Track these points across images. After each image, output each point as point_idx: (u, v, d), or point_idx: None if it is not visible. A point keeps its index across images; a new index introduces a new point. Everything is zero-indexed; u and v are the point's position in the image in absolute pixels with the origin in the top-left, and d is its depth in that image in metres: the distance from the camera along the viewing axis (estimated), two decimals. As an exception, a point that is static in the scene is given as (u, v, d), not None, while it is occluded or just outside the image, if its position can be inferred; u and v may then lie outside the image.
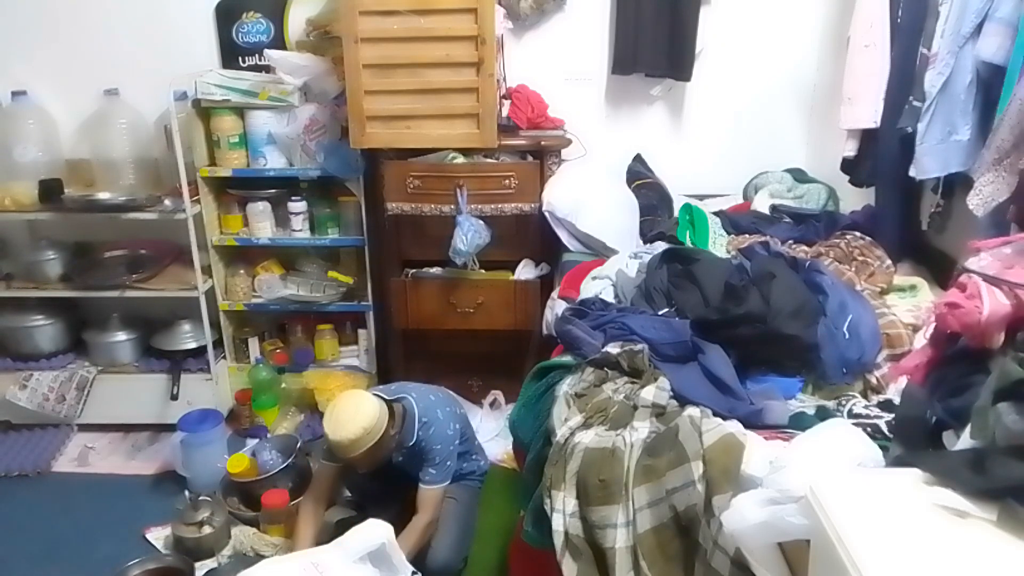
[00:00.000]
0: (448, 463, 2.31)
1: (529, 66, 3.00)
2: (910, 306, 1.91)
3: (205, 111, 2.95)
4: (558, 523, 1.46)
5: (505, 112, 2.91)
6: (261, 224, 3.07)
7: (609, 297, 2.08)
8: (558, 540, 1.45)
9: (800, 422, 1.49)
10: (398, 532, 2.10)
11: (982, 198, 1.75)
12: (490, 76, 2.58)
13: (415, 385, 2.44)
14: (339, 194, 3.02)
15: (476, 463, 2.57)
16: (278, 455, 2.72)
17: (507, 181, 2.75)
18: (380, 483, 2.47)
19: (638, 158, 2.98)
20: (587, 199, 2.64)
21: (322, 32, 2.87)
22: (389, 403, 2.26)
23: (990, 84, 1.84)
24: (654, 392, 1.53)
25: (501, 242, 2.81)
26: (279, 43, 3.01)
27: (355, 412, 2.13)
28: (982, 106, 1.88)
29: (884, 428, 1.38)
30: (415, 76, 2.62)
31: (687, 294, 1.89)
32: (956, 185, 2.07)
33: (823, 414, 1.52)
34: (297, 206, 3.04)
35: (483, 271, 2.89)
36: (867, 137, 2.31)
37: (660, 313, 1.87)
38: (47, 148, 3.08)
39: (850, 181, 2.49)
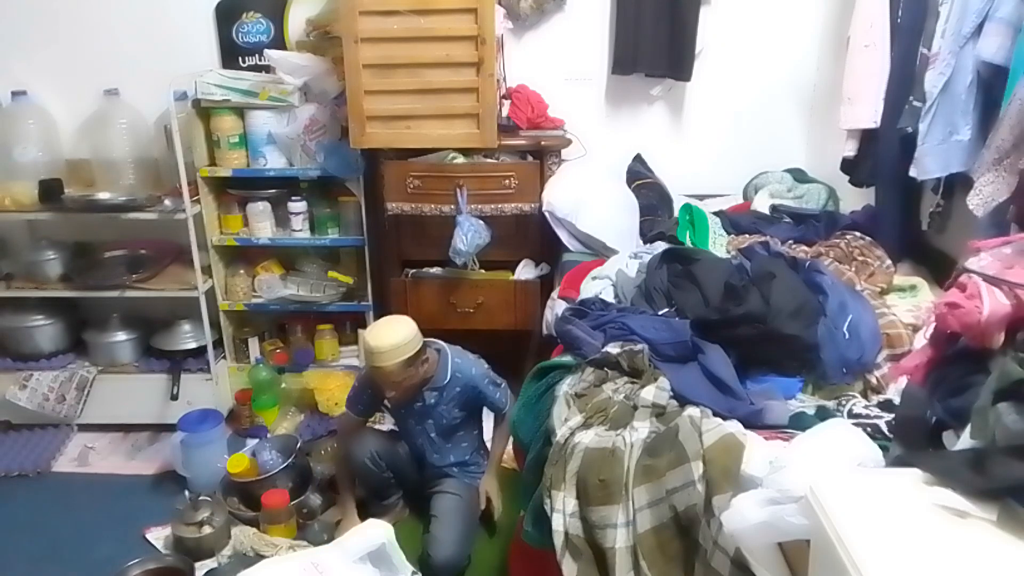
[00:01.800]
0: (502, 384, 2.45)
1: (529, 66, 3.01)
2: (910, 306, 1.91)
3: (205, 111, 2.95)
4: (558, 523, 1.46)
5: (505, 112, 2.91)
6: (261, 224, 3.07)
7: (609, 297, 2.09)
8: (558, 540, 1.45)
9: (800, 422, 1.49)
10: (400, 531, 2.10)
11: (982, 198, 1.75)
12: (490, 76, 2.58)
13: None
14: (339, 194, 3.02)
15: (484, 461, 2.58)
16: (278, 455, 2.72)
17: (507, 181, 2.75)
18: (386, 475, 2.50)
19: (638, 158, 2.98)
20: (587, 199, 2.64)
21: (322, 32, 2.88)
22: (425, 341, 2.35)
23: (991, 84, 1.84)
24: (654, 392, 1.53)
25: (501, 242, 2.82)
26: (279, 43, 3.01)
27: (396, 324, 2.29)
28: (983, 106, 1.88)
29: (884, 428, 1.39)
30: (415, 76, 2.62)
31: (687, 294, 1.89)
32: (956, 185, 2.07)
33: (823, 414, 1.52)
34: (297, 206, 3.04)
35: (483, 271, 2.89)
36: (867, 137, 2.31)
37: (660, 313, 1.87)
38: (47, 148, 3.08)
39: (850, 181, 2.49)
